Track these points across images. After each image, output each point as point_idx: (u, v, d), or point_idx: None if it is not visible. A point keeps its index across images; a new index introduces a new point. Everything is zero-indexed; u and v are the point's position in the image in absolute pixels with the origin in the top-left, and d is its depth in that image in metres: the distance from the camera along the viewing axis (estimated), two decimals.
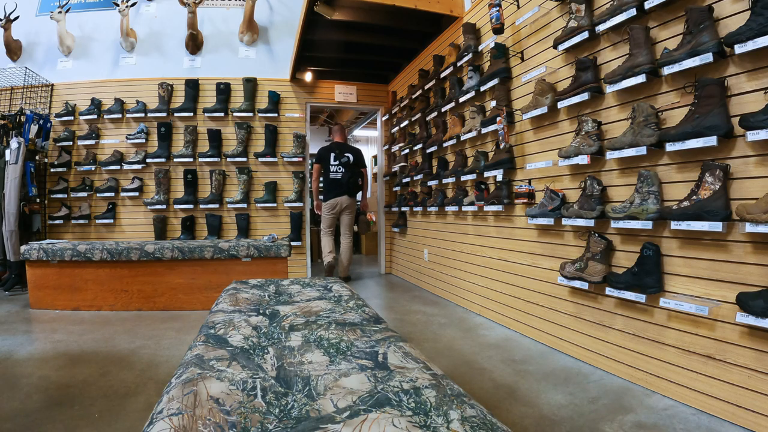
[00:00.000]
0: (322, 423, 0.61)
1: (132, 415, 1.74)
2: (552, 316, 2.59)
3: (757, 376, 1.57)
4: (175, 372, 0.82)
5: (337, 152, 4.75)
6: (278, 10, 5.23)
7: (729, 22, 1.66)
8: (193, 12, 4.73)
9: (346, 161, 4.74)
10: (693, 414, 1.74)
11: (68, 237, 4.81)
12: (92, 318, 3.30)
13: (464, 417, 0.63)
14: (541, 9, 2.63)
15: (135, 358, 2.42)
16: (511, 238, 3.00)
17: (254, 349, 0.93)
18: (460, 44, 3.58)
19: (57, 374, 2.17)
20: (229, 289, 1.88)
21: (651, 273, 1.91)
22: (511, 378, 2.16)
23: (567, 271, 2.31)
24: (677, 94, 1.87)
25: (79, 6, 5.05)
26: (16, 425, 1.65)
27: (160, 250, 3.52)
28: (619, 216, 2.00)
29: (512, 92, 3.00)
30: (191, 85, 4.90)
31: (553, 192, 2.48)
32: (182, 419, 0.61)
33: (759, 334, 1.57)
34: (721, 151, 1.69)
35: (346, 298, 1.57)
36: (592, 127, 2.23)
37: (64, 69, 4.98)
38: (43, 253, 3.47)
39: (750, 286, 1.59)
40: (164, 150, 4.84)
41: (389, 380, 0.76)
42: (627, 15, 1.98)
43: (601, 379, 2.13)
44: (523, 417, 1.76)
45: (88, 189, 4.82)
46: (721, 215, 1.61)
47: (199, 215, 4.96)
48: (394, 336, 1.03)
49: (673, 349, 1.89)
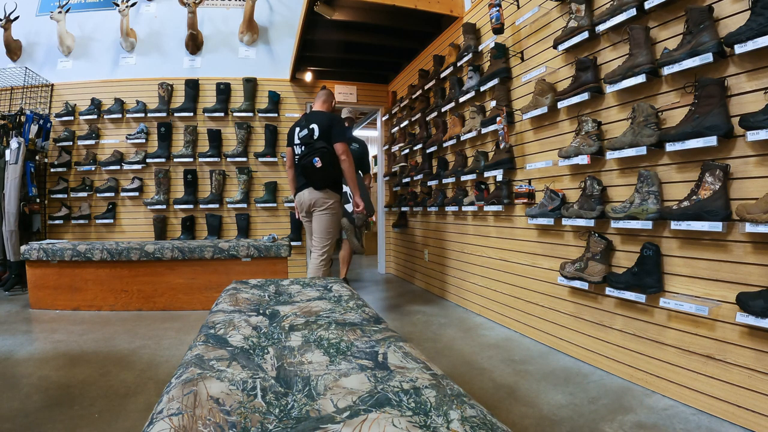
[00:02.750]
0: (322, 423, 0.61)
1: (132, 415, 1.74)
2: (552, 316, 2.59)
3: (757, 376, 1.57)
4: (175, 372, 0.82)
5: (303, 124, 3.09)
6: (278, 10, 5.23)
7: (729, 22, 1.66)
8: (193, 12, 4.73)
9: (308, 135, 3.01)
10: (693, 414, 1.74)
11: (68, 237, 4.81)
12: (92, 318, 3.30)
13: (464, 417, 0.63)
14: (541, 9, 2.63)
15: (135, 358, 2.41)
16: (511, 238, 3.00)
17: (254, 349, 0.93)
18: (460, 44, 3.58)
19: (57, 374, 2.17)
20: (229, 289, 1.88)
21: (651, 273, 1.91)
22: (511, 378, 2.16)
23: (567, 271, 2.31)
24: (677, 94, 1.87)
25: (79, 6, 5.05)
26: (16, 425, 1.65)
27: (160, 250, 3.52)
28: (619, 216, 2.00)
29: (512, 92, 3.00)
30: (191, 85, 4.90)
31: (553, 192, 2.48)
32: (182, 419, 0.61)
33: (759, 334, 1.57)
34: (721, 151, 1.69)
35: (346, 298, 1.57)
36: (592, 127, 2.23)
37: (64, 69, 4.98)
38: (43, 253, 3.47)
39: (750, 286, 1.59)
40: (164, 150, 4.84)
41: (389, 380, 0.76)
42: (627, 15, 1.98)
43: (601, 379, 2.13)
44: (523, 417, 1.76)
45: (88, 189, 4.82)
46: (721, 215, 1.61)
47: (199, 215, 4.96)
48: (394, 336, 1.03)
49: (673, 349, 1.89)
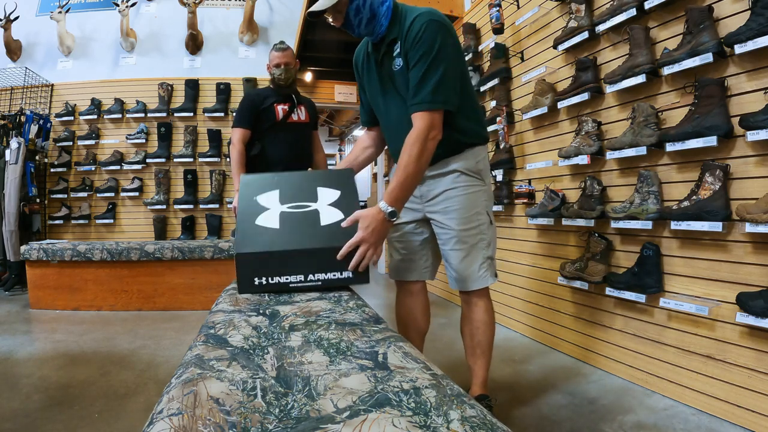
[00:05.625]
0: (322, 423, 0.61)
1: (132, 415, 1.74)
2: (552, 316, 2.59)
3: (757, 376, 1.57)
4: (175, 372, 0.82)
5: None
6: (278, 10, 5.23)
7: (729, 22, 1.66)
8: (193, 12, 4.73)
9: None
10: (693, 414, 1.74)
11: (68, 237, 4.81)
12: (92, 318, 3.30)
13: (464, 417, 0.63)
14: (541, 9, 2.63)
15: (135, 358, 2.41)
16: (511, 238, 3.00)
17: (254, 349, 0.93)
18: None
19: (57, 374, 2.17)
20: (229, 289, 1.87)
21: (651, 273, 1.91)
22: (511, 378, 2.16)
23: (567, 271, 2.31)
24: (677, 94, 1.87)
25: (79, 6, 5.05)
26: (16, 425, 1.65)
27: (160, 250, 3.52)
28: (619, 216, 2.00)
29: (512, 92, 3.00)
30: (191, 85, 4.90)
31: (553, 192, 2.48)
32: (182, 419, 0.61)
33: (759, 334, 1.57)
34: (721, 151, 1.69)
35: (346, 298, 1.56)
36: (592, 127, 2.23)
37: (64, 69, 4.97)
38: (43, 253, 3.47)
39: (750, 286, 1.59)
40: (164, 150, 4.84)
41: (389, 380, 0.76)
42: (627, 15, 1.98)
43: (601, 379, 2.13)
44: (523, 417, 1.76)
45: (88, 189, 4.82)
46: (721, 215, 1.61)
47: (199, 215, 4.96)
48: (394, 336, 1.03)
49: (673, 349, 1.88)
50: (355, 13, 1.42)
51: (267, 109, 2.54)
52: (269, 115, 2.54)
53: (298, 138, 2.64)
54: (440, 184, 1.56)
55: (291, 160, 2.56)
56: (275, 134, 2.56)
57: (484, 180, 1.59)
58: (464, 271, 1.56)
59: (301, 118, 2.64)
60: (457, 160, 1.54)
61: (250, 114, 2.53)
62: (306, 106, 2.69)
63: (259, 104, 2.53)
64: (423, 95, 1.36)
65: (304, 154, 2.70)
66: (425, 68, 1.36)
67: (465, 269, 1.56)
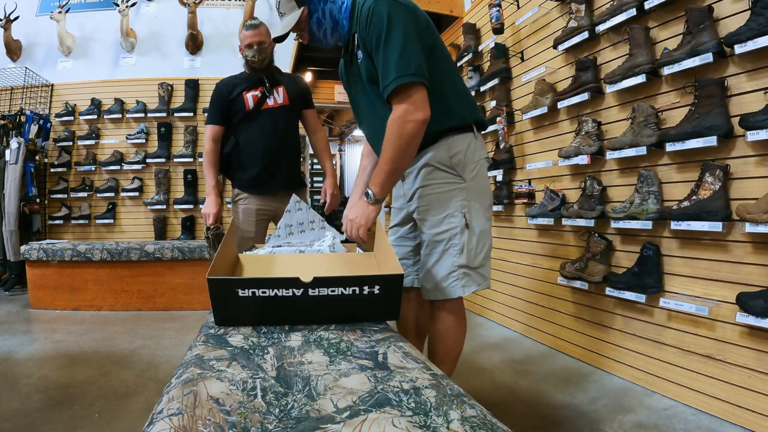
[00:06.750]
0: (322, 423, 0.61)
1: (132, 415, 1.74)
2: (552, 316, 2.59)
3: (757, 376, 1.57)
4: (175, 372, 0.82)
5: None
6: None
7: (729, 22, 1.66)
8: (193, 12, 4.73)
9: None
10: (693, 414, 1.74)
11: (68, 237, 4.81)
12: (92, 318, 3.30)
13: (464, 417, 0.63)
14: (541, 9, 2.63)
15: (135, 358, 2.41)
16: (511, 238, 3.00)
17: (254, 349, 0.93)
18: (460, 44, 3.58)
19: (57, 374, 2.17)
20: None
21: (651, 273, 1.91)
22: (511, 378, 2.16)
23: (567, 271, 2.31)
24: (677, 94, 1.87)
25: (79, 6, 5.05)
26: (16, 425, 1.65)
27: (160, 250, 3.52)
28: (619, 216, 2.00)
29: (512, 92, 3.00)
30: (191, 85, 4.90)
31: (553, 192, 2.48)
32: (182, 419, 0.61)
33: (759, 334, 1.57)
34: (721, 151, 1.69)
35: None
36: (592, 127, 2.23)
37: (64, 69, 4.97)
38: (43, 253, 3.47)
39: (750, 286, 1.59)
40: (164, 150, 4.84)
41: (389, 380, 0.76)
42: (627, 15, 1.98)
43: (601, 379, 2.13)
44: (523, 417, 1.76)
45: (88, 189, 4.81)
46: (721, 215, 1.61)
47: (199, 215, 4.95)
48: (393, 336, 1.03)
49: (673, 349, 1.88)
50: (318, 26, 1.36)
51: (235, 100, 2.24)
52: (238, 106, 2.24)
53: (277, 125, 2.28)
54: (415, 182, 1.42)
55: (271, 151, 2.27)
56: (249, 125, 2.26)
57: (462, 176, 1.37)
58: (431, 279, 1.40)
59: (278, 102, 2.28)
60: (428, 151, 1.37)
61: (220, 107, 2.26)
62: (286, 86, 2.33)
63: (227, 95, 2.24)
64: (389, 76, 1.23)
65: (289, 141, 2.37)
66: (383, 47, 1.24)
67: (432, 277, 1.40)
